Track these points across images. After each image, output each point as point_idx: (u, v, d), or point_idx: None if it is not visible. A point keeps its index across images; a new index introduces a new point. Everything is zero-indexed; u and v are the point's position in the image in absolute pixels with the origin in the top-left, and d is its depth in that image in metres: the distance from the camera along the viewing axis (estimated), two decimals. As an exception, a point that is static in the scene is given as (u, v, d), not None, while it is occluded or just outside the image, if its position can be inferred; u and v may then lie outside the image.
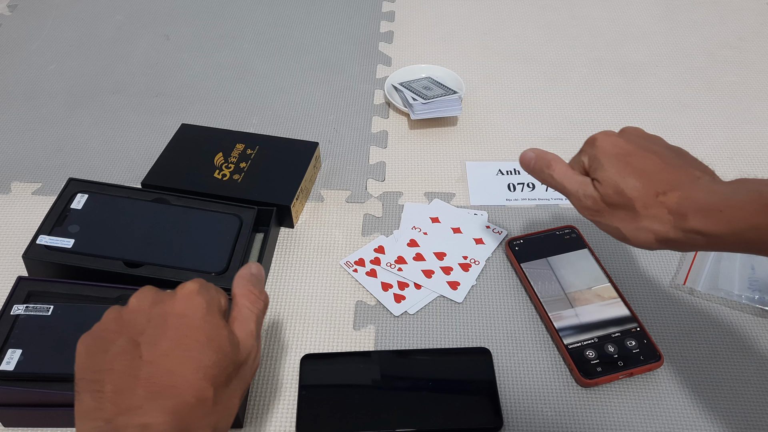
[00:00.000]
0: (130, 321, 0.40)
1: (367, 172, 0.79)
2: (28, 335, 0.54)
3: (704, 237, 0.43)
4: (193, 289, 0.42)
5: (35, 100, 0.90)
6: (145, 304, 0.41)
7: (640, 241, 0.47)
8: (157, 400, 0.36)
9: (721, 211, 0.43)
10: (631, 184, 0.47)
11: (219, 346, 0.39)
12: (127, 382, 0.37)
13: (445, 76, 0.90)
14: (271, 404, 0.57)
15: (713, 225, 0.43)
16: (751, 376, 0.58)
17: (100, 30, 1.04)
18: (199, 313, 0.40)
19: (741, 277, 0.64)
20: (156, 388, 0.37)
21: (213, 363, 0.39)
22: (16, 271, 0.65)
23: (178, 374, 0.37)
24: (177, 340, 0.39)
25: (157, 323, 0.40)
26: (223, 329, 0.41)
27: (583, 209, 0.51)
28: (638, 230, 0.47)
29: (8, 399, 0.52)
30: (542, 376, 0.58)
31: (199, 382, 0.38)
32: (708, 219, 0.43)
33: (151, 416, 0.36)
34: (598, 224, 0.50)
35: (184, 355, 0.38)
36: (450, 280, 0.66)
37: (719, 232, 0.43)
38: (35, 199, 0.75)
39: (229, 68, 0.96)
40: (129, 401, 0.36)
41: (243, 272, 0.47)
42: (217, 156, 0.74)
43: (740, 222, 0.42)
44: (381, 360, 0.59)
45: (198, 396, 0.37)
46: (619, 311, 0.61)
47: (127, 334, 0.39)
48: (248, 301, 0.44)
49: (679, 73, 0.94)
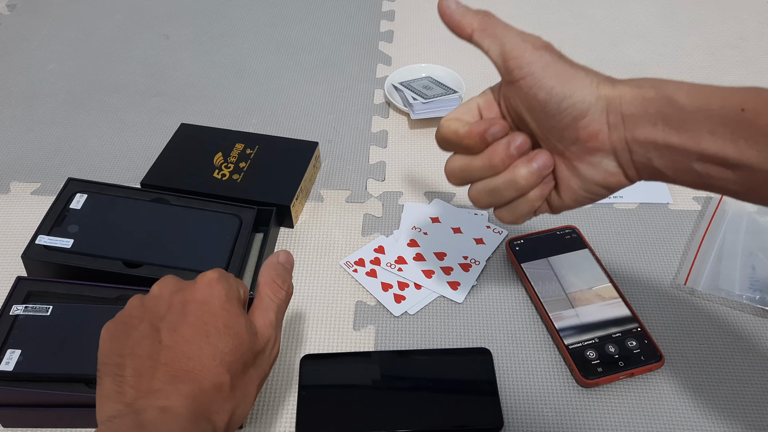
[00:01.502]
0: (151, 307, 0.41)
1: (367, 171, 0.79)
2: (28, 335, 0.53)
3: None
4: (213, 278, 0.43)
5: (35, 99, 0.90)
6: (167, 291, 0.42)
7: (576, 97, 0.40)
8: (176, 384, 0.37)
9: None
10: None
11: (236, 333, 0.40)
12: (147, 366, 0.38)
13: (445, 76, 0.90)
14: (271, 404, 0.56)
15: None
16: (752, 376, 0.58)
17: (99, 30, 1.03)
18: (218, 301, 0.41)
19: (742, 277, 0.64)
20: (175, 372, 0.38)
21: (230, 350, 0.39)
22: (16, 271, 0.65)
23: (197, 359, 0.38)
24: (196, 326, 0.40)
25: (177, 309, 0.41)
26: (240, 317, 0.41)
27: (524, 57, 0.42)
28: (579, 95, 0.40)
29: (8, 399, 0.52)
30: (543, 376, 0.58)
31: (216, 368, 0.38)
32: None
33: (170, 399, 0.36)
34: (534, 86, 0.41)
35: (202, 340, 0.39)
36: (450, 281, 0.66)
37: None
38: (34, 199, 0.75)
39: (229, 68, 0.96)
40: (149, 385, 0.37)
41: (270, 260, 0.47)
42: (216, 156, 0.74)
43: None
44: (381, 360, 0.59)
45: (214, 381, 0.38)
46: (619, 311, 0.61)
47: (149, 320, 0.40)
48: (270, 291, 0.45)
49: (680, 73, 0.94)
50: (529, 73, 0.41)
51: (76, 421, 0.54)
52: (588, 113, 0.40)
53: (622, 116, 0.40)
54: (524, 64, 0.41)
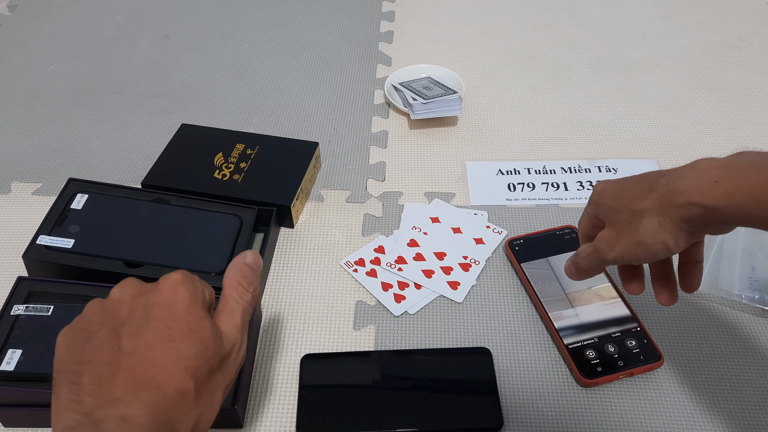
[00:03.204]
0: (112, 312, 0.39)
1: (367, 172, 0.79)
2: (28, 335, 0.54)
3: (703, 209, 0.41)
4: (176, 280, 0.40)
5: (35, 100, 0.90)
6: (128, 295, 0.40)
7: (650, 239, 0.45)
8: (138, 392, 0.35)
9: (717, 181, 0.40)
10: (626, 196, 0.46)
11: (202, 337, 0.38)
12: (106, 374, 0.36)
13: (445, 76, 0.90)
14: (271, 404, 0.57)
15: (708, 196, 0.41)
16: (751, 375, 0.58)
17: (100, 30, 1.04)
18: (182, 304, 0.39)
19: (741, 277, 0.64)
20: (136, 379, 0.36)
21: (195, 354, 0.37)
22: (16, 272, 0.65)
23: (159, 365, 0.36)
24: (159, 330, 0.38)
25: (139, 314, 0.38)
26: (205, 320, 0.39)
27: (606, 253, 0.48)
28: (644, 231, 0.45)
29: (8, 399, 0.52)
30: (542, 376, 0.58)
31: (179, 374, 0.36)
32: (701, 191, 0.41)
33: (130, 408, 0.34)
34: (621, 254, 0.47)
35: (166, 345, 0.37)
36: (450, 280, 0.66)
37: (716, 205, 0.40)
38: (35, 199, 0.75)
39: (229, 68, 0.96)
40: (108, 393, 0.35)
41: (236, 261, 0.45)
42: (217, 156, 0.74)
43: (739, 193, 0.39)
44: (381, 360, 0.59)
45: (179, 388, 0.36)
46: (619, 311, 0.61)
47: (109, 325, 0.38)
48: (236, 293, 0.43)
49: (680, 73, 0.94)
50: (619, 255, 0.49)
51: (77, 420, 0.54)
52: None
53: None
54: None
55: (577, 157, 0.80)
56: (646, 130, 0.85)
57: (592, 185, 0.76)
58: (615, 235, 0.47)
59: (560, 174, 0.78)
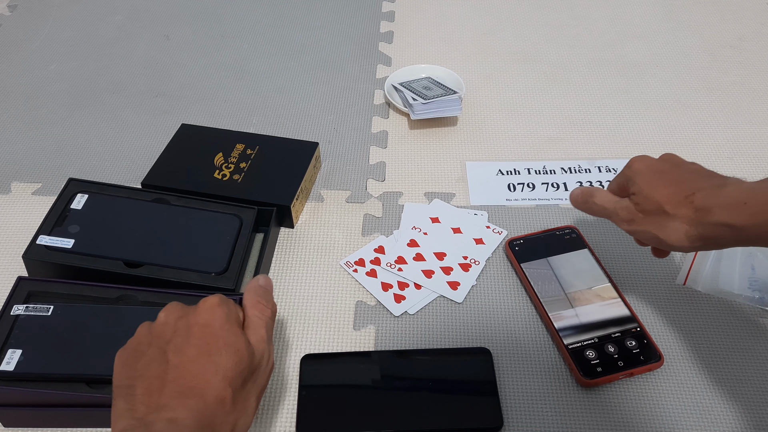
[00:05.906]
0: (158, 333, 0.45)
1: (367, 172, 0.79)
2: (28, 335, 0.54)
3: (730, 229, 0.46)
4: (214, 303, 0.46)
5: (35, 100, 0.90)
6: (172, 317, 0.46)
7: (672, 240, 0.49)
8: (183, 399, 0.40)
9: (745, 203, 0.45)
10: (661, 191, 0.51)
11: (237, 350, 0.43)
12: (156, 385, 0.41)
13: (445, 76, 0.90)
14: (271, 404, 0.57)
15: (737, 217, 0.45)
16: (751, 376, 0.58)
17: (100, 30, 1.04)
18: (218, 322, 0.44)
19: (741, 277, 0.64)
20: (181, 388, 0.41)
21: (231, 366, 0.43)
22: (16, 272, 0.65)
23: (201, 376, 0.42)
24: (200, 346, 0.43)
25: (182, 333, 0.44)
26: (240, 336, 0.45)
27: (620, 221, 0.54)
28: (670, 230, 0.49)
29: (8, 399, 0.52)
30: (542, 376, 0.58)
31: (219, 383, 0.42)
32: (732, 211, 0.46)
33: (177, 412, 0.40)
34: (635, 233, 0.53)
35: (206, 359, 0.42)
36: (450, 280, 0.66)
37: (743, 224, 0.45)
38: (35, 199, 0.75)
39: (229, 68, 0.96)
40: (157, 401, 0.40)
41: (251, 285, 0.51)
42: (217, 156, 0.74)
43: (764, 214, 0.44)
44: (381, 360, 0.59)
45: (217, 396, 0.41)
46: (619, 311, 0.61)
47: (156, 344, 0.44)
48: (257, 311, 0.48)
49: (679, 73, 0.94)
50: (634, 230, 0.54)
51: (77, 421, 0.54)
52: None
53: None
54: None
55: (577, 157, 0.80)
56: (646, 130, 0.85)
57: (592, 185, 0.76)
58: (639, 216, 0.52)
59: (560, 174, 0.78)
